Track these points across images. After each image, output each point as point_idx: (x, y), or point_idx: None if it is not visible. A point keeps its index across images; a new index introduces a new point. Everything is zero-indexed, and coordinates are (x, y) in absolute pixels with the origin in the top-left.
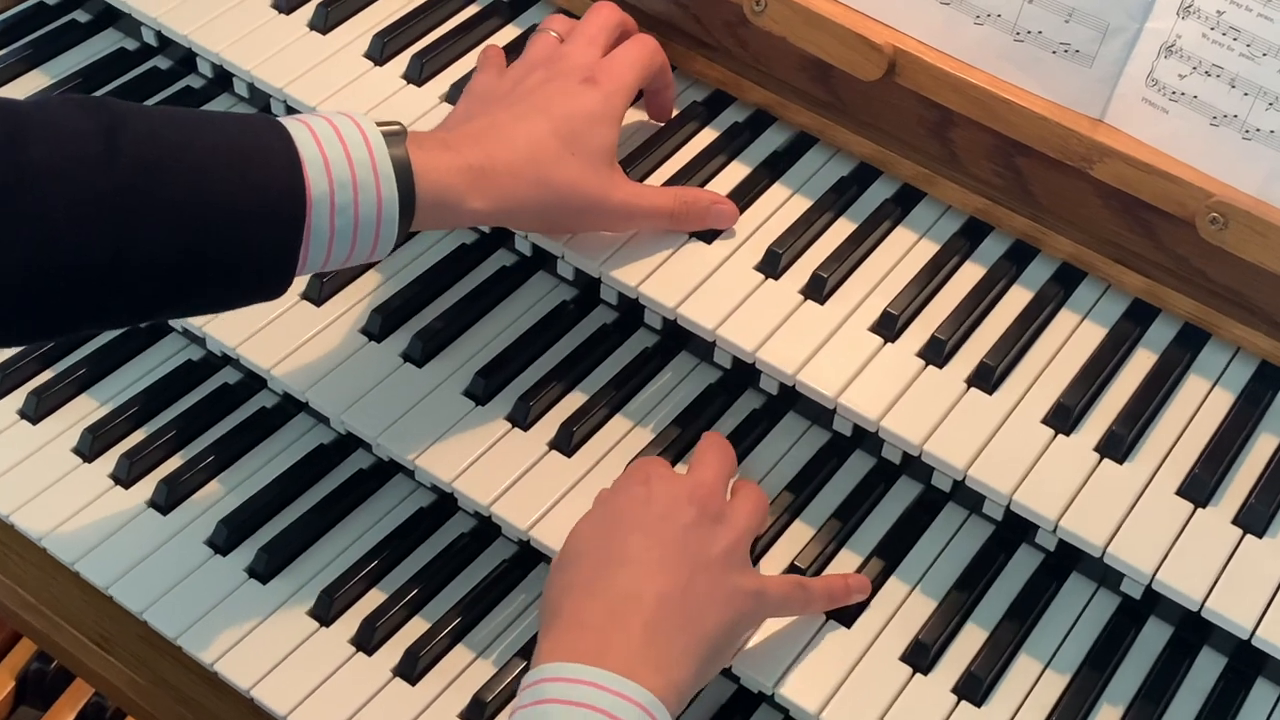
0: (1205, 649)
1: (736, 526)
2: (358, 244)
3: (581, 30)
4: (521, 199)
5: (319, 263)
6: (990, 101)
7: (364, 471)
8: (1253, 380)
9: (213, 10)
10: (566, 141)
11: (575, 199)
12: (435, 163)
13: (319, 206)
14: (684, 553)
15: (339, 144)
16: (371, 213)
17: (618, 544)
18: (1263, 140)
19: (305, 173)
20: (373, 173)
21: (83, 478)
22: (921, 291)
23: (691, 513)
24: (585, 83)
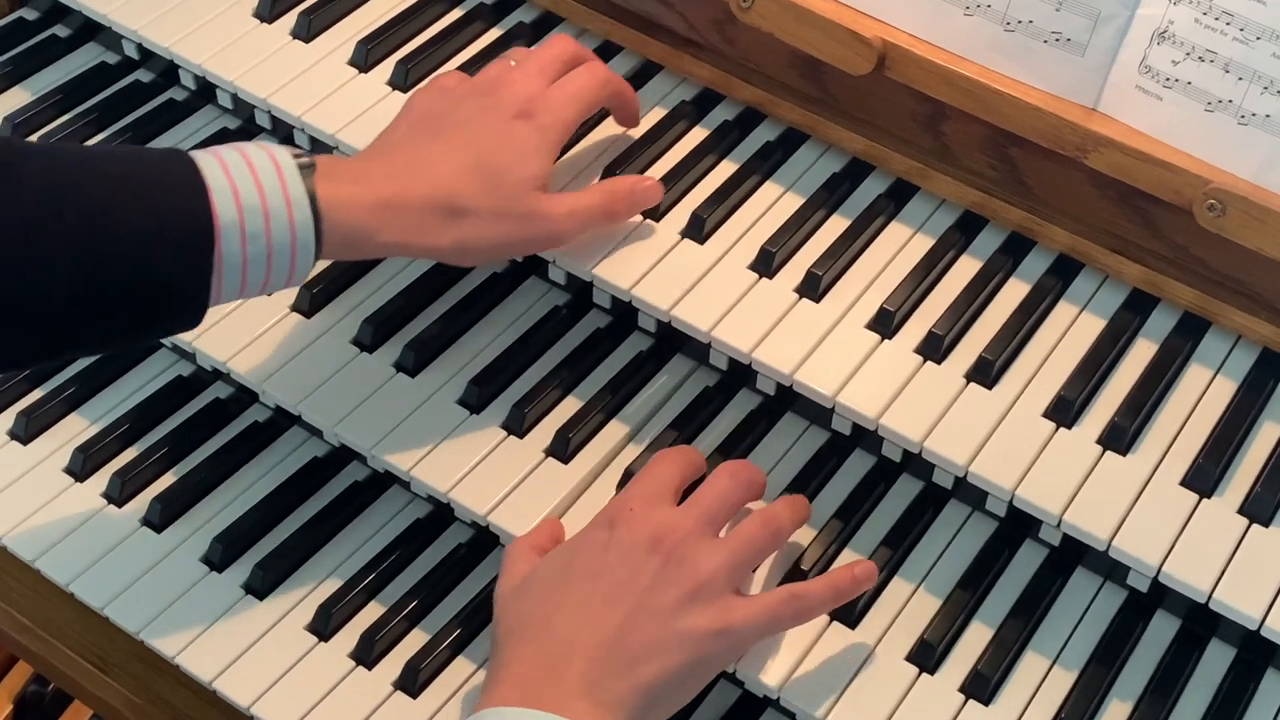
0: (1214, 641)
1: (701, 569)
2: (273, 271)
3: (532, 58)
4: (434, 236)
5: (235, 291)
6: (982, 93)
7: (359, 483)
8: (1255, 368)
9: (194, 21)
10: (490, 177)
11: (492, 236)
12: (345, 197)
13: (228, 234)
14: (633, 603)
15: (248, 172)
16: (285, 239)
17: (563, 590)
18: (1259, 125)
19: (211, 200)
20: (284, 199)
21: (75, 497)
22: (917, 287)
23: (650, 560)
24: (519, 116)
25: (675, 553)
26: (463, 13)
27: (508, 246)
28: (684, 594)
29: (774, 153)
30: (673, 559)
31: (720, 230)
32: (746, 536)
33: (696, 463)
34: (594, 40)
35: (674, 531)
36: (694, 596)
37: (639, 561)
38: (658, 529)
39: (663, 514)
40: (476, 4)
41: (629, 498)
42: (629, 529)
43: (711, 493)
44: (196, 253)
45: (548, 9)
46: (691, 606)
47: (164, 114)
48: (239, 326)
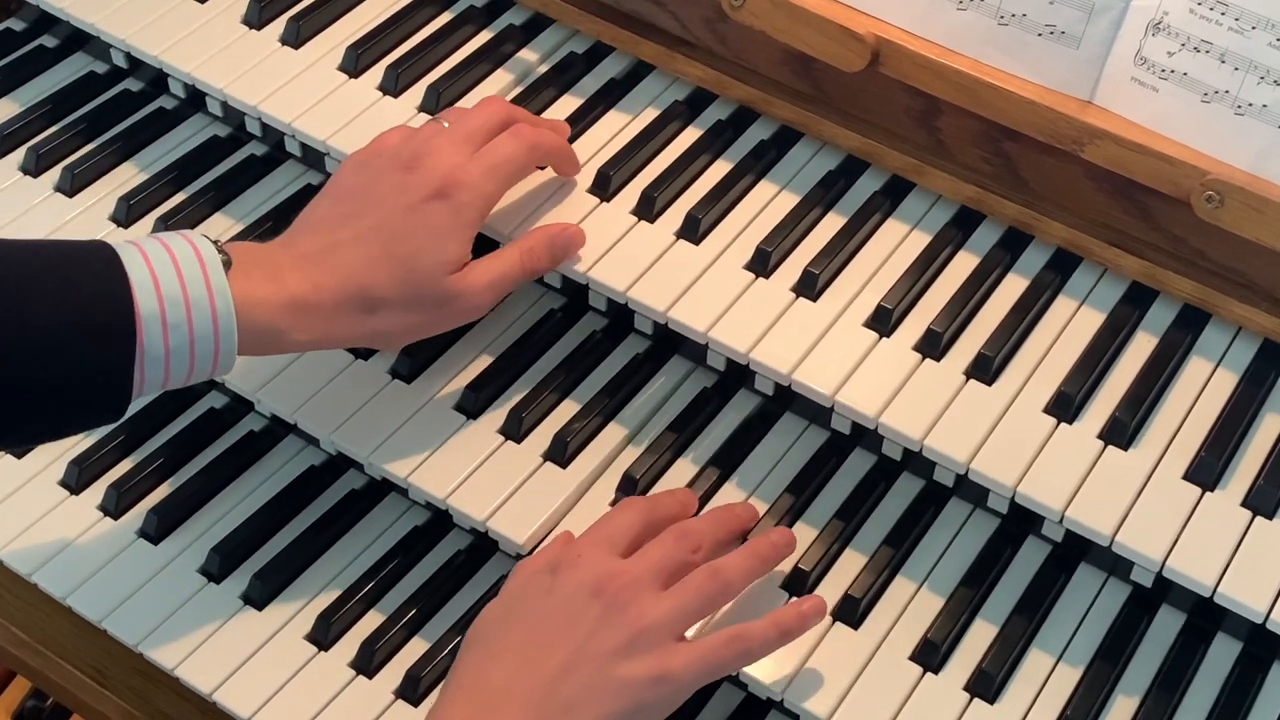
0: (1220, 635)
1: (644, 615)
2: (196, 362)
3: (460, 126)
4: (348, 330)
5: (158, 382)
6: (977, 87)
7: (356, 491)
8: (1256, 359)
9: (183, 29)
10: (401, 264)
11: (409, 324)
12: (258, 295)
13: (149, 325)
14: (571, 648)
15: (169, 262)
16: (207, 330)
17: (501, 636)
18: (1255, 115)
19: (133, 292)
20: (206, 289)
21: (71, 510)
22: (915, 284)
23: (593, 607)
24: (435, 196)
25: (618, 599)
26: (453, 15)
27: (426, 330)
28: (623, 640)
29: (768, 151)
30: (615, 605)
31: (715, 230)
32: (694, 587)
33: (663, 515)
34: (585, 41)
35: (617, 578)
36: (633, 643)
37: (580, 607)
38: (601, 576)
39: (609, 562)
40: (467, 6)
41: (578, 543)
42: (573, 574)
43: (659, 549)
44: (118, 345)
45: (538, 10)
46: (630, 653)
47: (154, 122)
48: None
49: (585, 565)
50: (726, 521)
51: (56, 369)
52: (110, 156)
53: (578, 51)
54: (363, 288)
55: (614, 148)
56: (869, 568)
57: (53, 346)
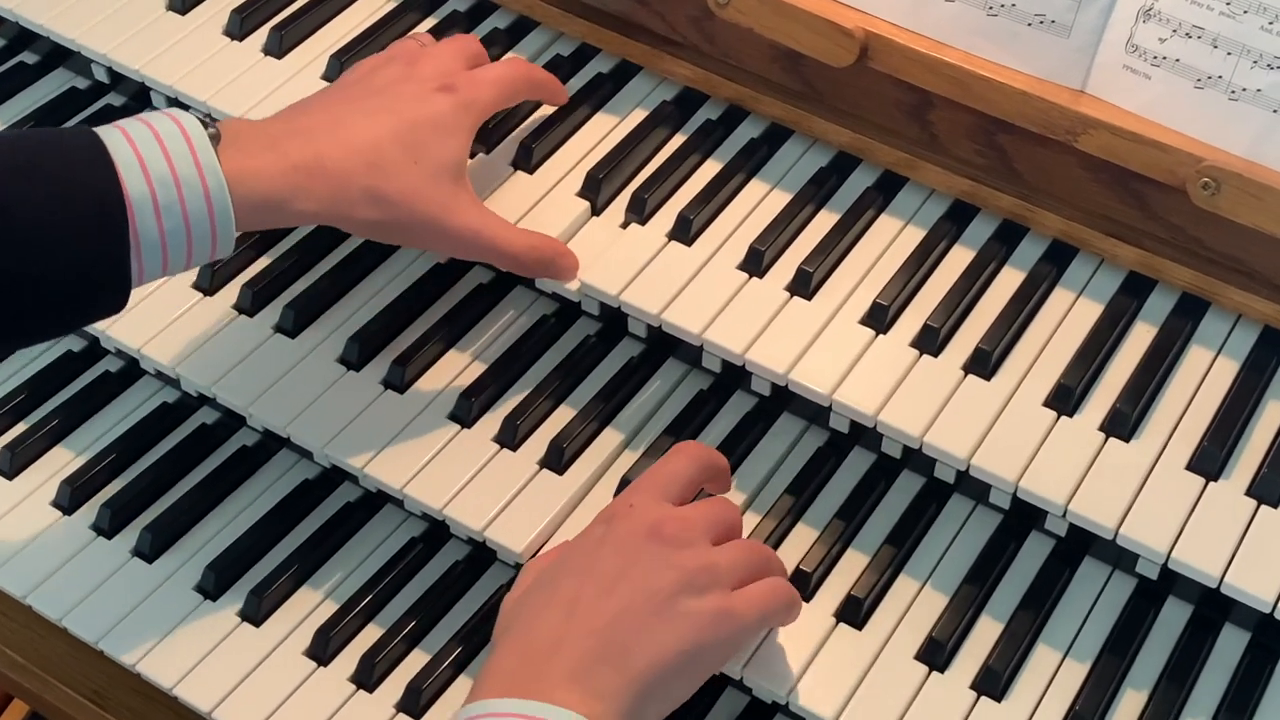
0: (1227, 626)
1: (702, 556)
2: (194, 244)
3: (445, 42)
4: (352, 204)
5: (157, 269)
6: (967, 80)
7: (352, 504)
8: (1257, 347)
9: (164, 42)
10: (409, 149)
11: (410, 214)
12: (256, 165)
13: (141, 209)
14: (623, 585)
15: (155, 143)
16: (201, 209)
17: (554, 586)
18: (1250, 100)
19: (120, 176)
20: (195, 167)
21: (64, 531)
22: (910, 280)
23: (648, 547)
24: (441, 90)
25: (674, 540)
26: (436, 21)
27: (410, 235)
28: (683, 578)
29: (758, 150)
30: (671, 545)
31: (708, 231)
32: (745, 545)
33: (713, 465)
34: (571, 43)
35: (673, 521)
36: (692, 581)
37: (636, 549)
38: (656, 519)
39: (663, 507)
40: (450, 11)
41: (630, 493)
42: (627, 522)
43: (715, 505)
44: (110, 233)
45: (522, 13)
46: (689, 591)
47: None
48: (224, 350)
49: (638, 513)
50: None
51: (52, 264)
52: None
53: (563, 54)
54: (369, 164)
55: (603, 150)
56: (871, 567)
57: (45, 242)
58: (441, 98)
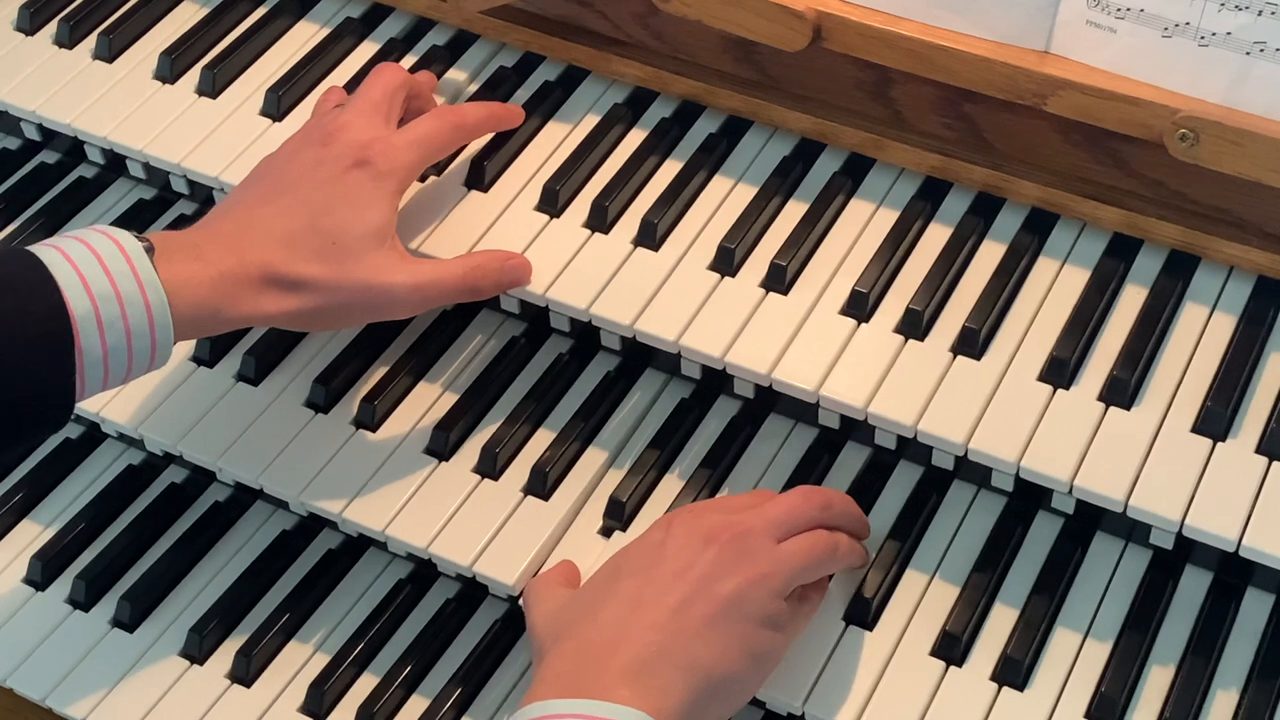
0: (1250, 589)
1: (762, 560)
2: (134, 357)
3: (363, 97)
4: (280, 300)
5: (98, 383)
6: (927, 52)
7: (333, 551)
8: (1252, 298)
9: (93, 93)
10: (326, 234)
11: (341, 293)
12: (185, 275)
13: (85, 326)
14: (685, 589)
15: (94, 260)
16: (142, 323)
17: (612, 587)
18: (1220, 44)
19: (64, 295)
20: (135, 282)
21: (39, 607)
22: (888, 264)
23: (707, 552)
24: (354, 166)
25: (733, 544)
26: (374, 46)
27: (352, 315)
28: (745, 582)
29: (718, 144)
30: (729, 548)
31: (674, 233)
32: (810, 541)
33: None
34: (513, 53)
35: (733, 526)
36: (755, 585)
37: (695, 551)
38: (715, 524)
39: (723, 514)
40: (386, 33)
41: (686, 506)
42: (686, 525)
43: (780, 501)
44: (55, 352)
45: (461, 28)
46: (753, 594)
47: (75, 193)
48: (186, 406)
49: (698, 517)
50: (850, 504)
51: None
52: (36, 233)
53: (507, 65)
54: (287, 260)
55: (557, 160)
56: (877, 564)
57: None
58: (355, 174)
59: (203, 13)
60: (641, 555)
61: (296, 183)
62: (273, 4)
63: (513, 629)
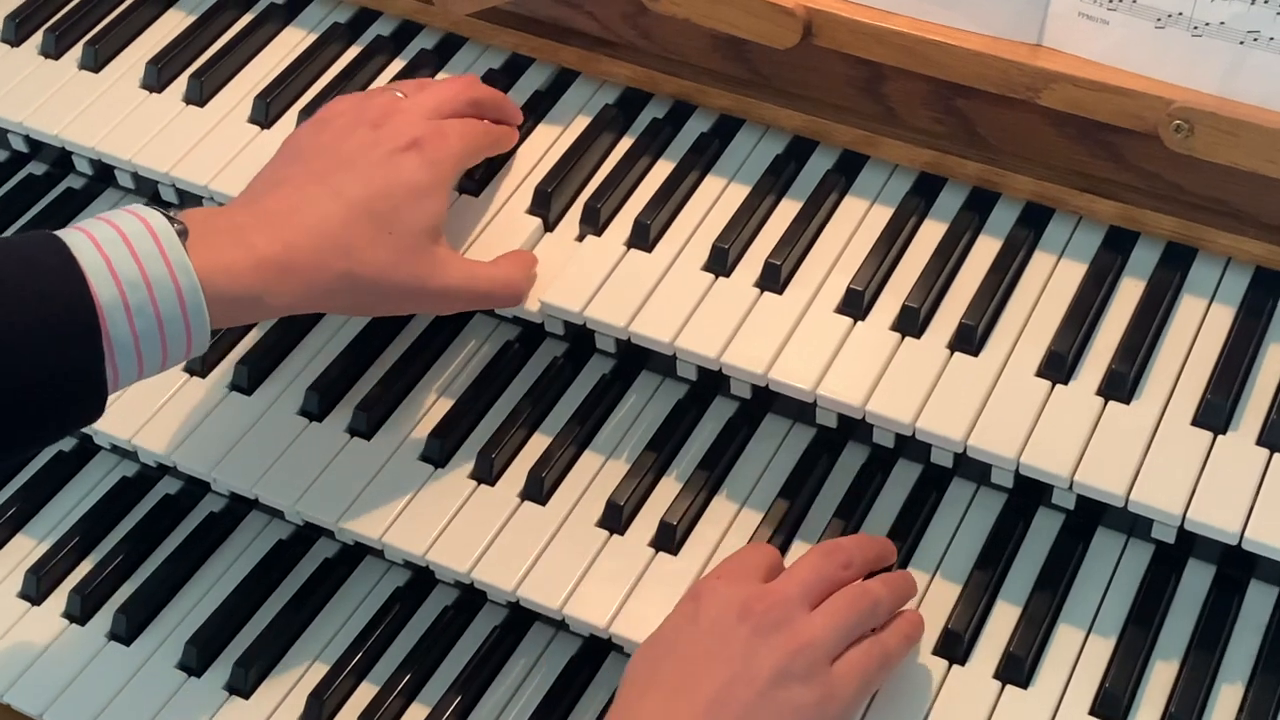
0: (1253, 583)
1: (799, 633)
2: (168, 345)
3: (428, 94)
4: (327, 290)
5: (132, 372)
6: (919, 47)
7: (330, 560)
8: (1251, 289)
9: (80, 103)
10: (381, 220)
11: (390, 286)
12: (225, 262)
13: (112, 313)
14: (724, 672)
15: (122, 243)
16: (174, 308)
17: (649, 673)
18: (1214, 34)
19: (89, 281)
20: (164, 265)
21: (35, 622)
22: (883, 261)
23: (741, 629)
24: (409, 149)
25: (766, 619)
26: (361, 49)
27: (401, 303)
28: (780, 663)
29: (710, 144)
30: (764, 626)
31: (667, 234)
32: (847, 603)
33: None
34: (501, 55)
35: (764, 598)
36: (790, 665)
37: (728, 631)
38: (746, 597)
39: (752, 584)
40: (374, 38)
41: (714, 574)
42: (716, 600)
43: (805, 565)
44: (81, 340)
45: (449, 31)
46: (789, 676)
47: (64, 204)
48: (179, 416)
49: (725, 590)
50: (871, 544)
51: (25, 377)
52: None
53: (495, 67)
54: (341, 248)
55: (549, 162)
56: None
57: (16, 355)
58: (411, 159)
59: (189, 20)
60: (675, 635)
61: (350, 162)
62: (259, 10)
63: (512, 635)
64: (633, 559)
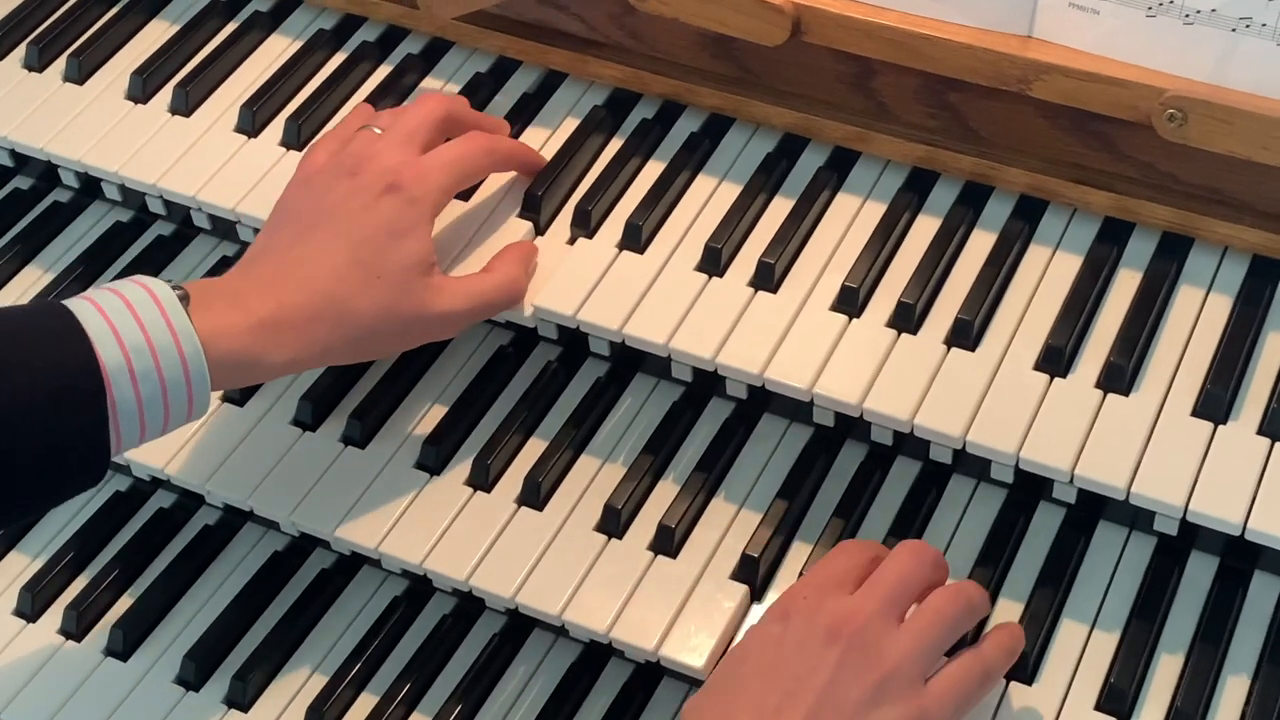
0: (1257, 574)
1: (887, 657)
2: (171, 409)
3: (399, 126)
4: (325, 344)
5: (134, 436)
6: (909, 41)
7: (327, 571)
8: (1248, 278)
9: (65, 116)
10: (369, 267)
11: (390, 327)
12: (224, 325)
13: (118, 378)
14: (808, 695)
15: (127, 311)
16: (177, 374)
17: (735, 692)
18: (1205, 21)
19: (95, 348)
20: (169, 333)
21: (30, 639)
22: (878, 257)
23: (830, 653)
24: (386, 192)
25: (856, 640)
26: (346, 55)
27: (402, 341)
28: (871, 686)
29: (700, 143)
30: (854, 648)
31: (659, 235)
32: (935, 611)
33: (876, 555)
34: (488, 59)
35: (853, 618)
36: (882, 688)
37: (816, 654)
38: (834, 617)
39: (839, 601)
40: (359, 44)
41: (802, 587)
42: (803, 619)
43: (892, 570)
44: (88, 406)
45: (435, 35)
46: (881, 700)
47: (50, 219)
48: None
49: (813, 607)
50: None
51: (29, 442)
52: (11, 261)
53: (483, 71)
54: (332, 299)
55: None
56: None
57: (22, 421)
58: (388, 200)
59: (173, 30)
60: (761, 654)
61: (331, 216)
62: (243, 19)
63: (511, 642)
64: (631, 563)
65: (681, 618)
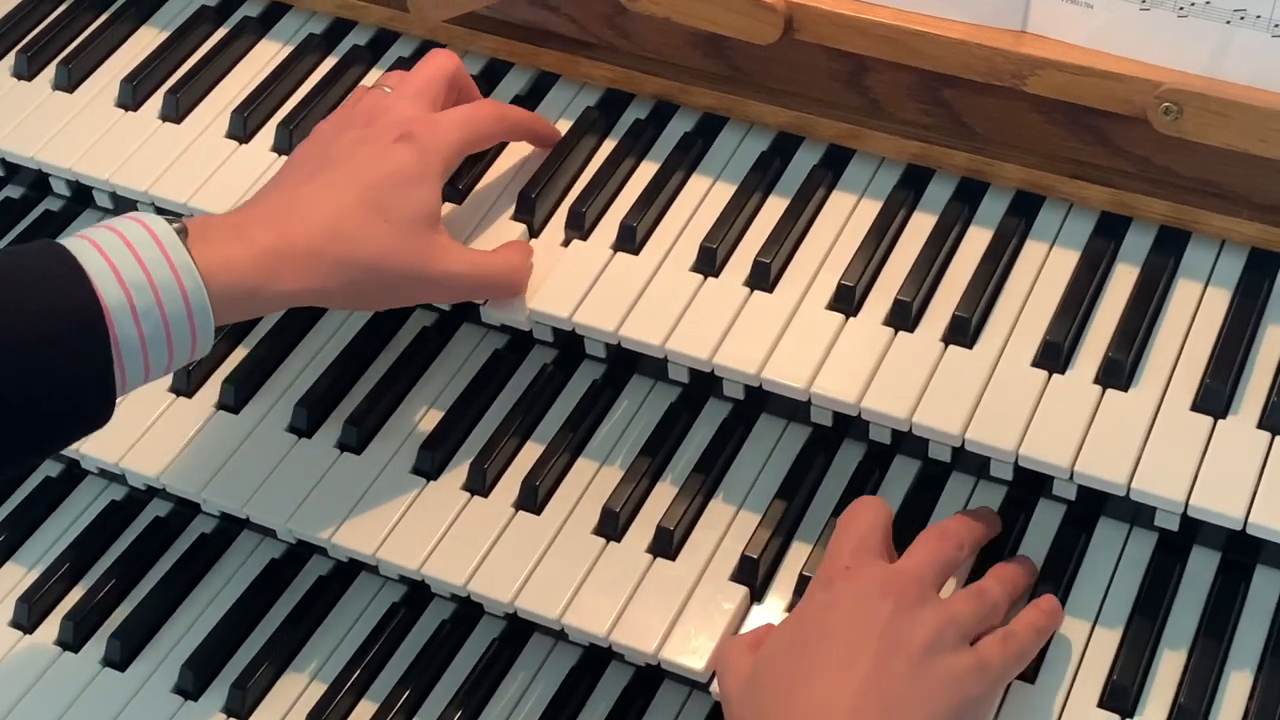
0: (1259, 568)
1: (944, 611)
2: (174, 346)
3: (408, 81)
4: (326, 279)
5: (139, 375)
6: (902, 37)
7: (324, 578)
8: (1246, 271)
9: (55, 124)
10: (375, 210)
11: (388, 273)
12: (225, 255)
13: (119, 316)
14: (877, 646)
15: (125, 248)
16: (179, 310)
17: (798, 658)
18: (1199, 14)
19: (95, 286)
20: (169, 269)
21: (28, 650)
22: (874, 255)
23: (884, 606)
24: (400, 140)
25: (907, 595)
26: (337, 59)
27: (400, 294)
28: (932, 633)
29: (694, 143)
30: (907, 601)
31: (654, 236)
32: (980, 589)
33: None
34: (480, 61)
35: (900, 576)
36: (942, 635)
37: (873, 610)
38: (883, 576)
39: (881, 564)
40: (350, 48)
41: (839, 555)
42: (850, 581)
43: (925, 548)
44: (89, 345)
45: (426, 38)
46: (941, 646)
47: (42, 227)
48: (166, 437)
49: (858, 572)
50: (977, 522)
51: (35, 385)
52: None
53: (474, 73)
54: (336, 236)
55: (531, 167)
56: None
57: (25, 362)
58: (400, 148)
59: (162, 36)
60: (816, 620)
61: (340, 159)
62: (233, 24)
63: (511, 647)
64: (630, 566)
65: (681, 620)
